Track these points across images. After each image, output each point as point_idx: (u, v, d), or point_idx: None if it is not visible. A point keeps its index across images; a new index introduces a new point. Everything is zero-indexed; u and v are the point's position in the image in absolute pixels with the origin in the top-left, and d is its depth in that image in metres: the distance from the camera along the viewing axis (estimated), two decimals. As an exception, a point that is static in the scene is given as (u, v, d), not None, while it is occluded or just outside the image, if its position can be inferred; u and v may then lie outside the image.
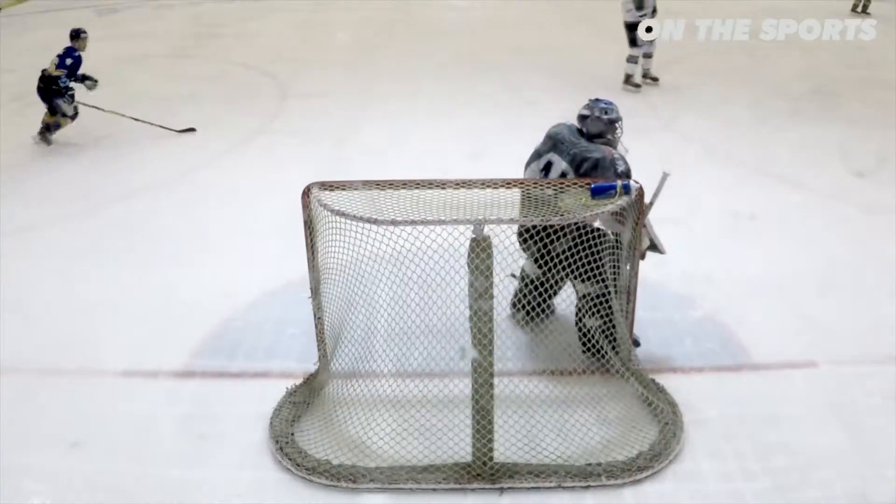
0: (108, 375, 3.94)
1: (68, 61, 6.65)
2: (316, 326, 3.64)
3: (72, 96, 6.75)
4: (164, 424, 3.60)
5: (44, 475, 3.34)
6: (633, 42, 7.85)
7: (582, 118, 3.83)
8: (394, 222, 3.09)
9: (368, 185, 3.35)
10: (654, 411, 3.53)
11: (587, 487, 3.20)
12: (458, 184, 3.30)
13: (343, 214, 3.20)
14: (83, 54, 6.75)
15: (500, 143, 6.62)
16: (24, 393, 3.82)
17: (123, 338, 4.22)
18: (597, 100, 3.85)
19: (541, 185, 3.43)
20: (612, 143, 3.79)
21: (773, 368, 3.92)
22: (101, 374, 3.94)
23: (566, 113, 6.46)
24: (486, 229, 3.06)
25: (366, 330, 3.68)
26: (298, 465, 3.31)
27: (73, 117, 6.83)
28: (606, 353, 3.64)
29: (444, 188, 3.30)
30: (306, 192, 3.35)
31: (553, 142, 3.80)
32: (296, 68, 9.10)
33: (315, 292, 3.56)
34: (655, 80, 8.11)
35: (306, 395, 3.67)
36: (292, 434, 3.47)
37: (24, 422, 3.63)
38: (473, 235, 3.04)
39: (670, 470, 3.28)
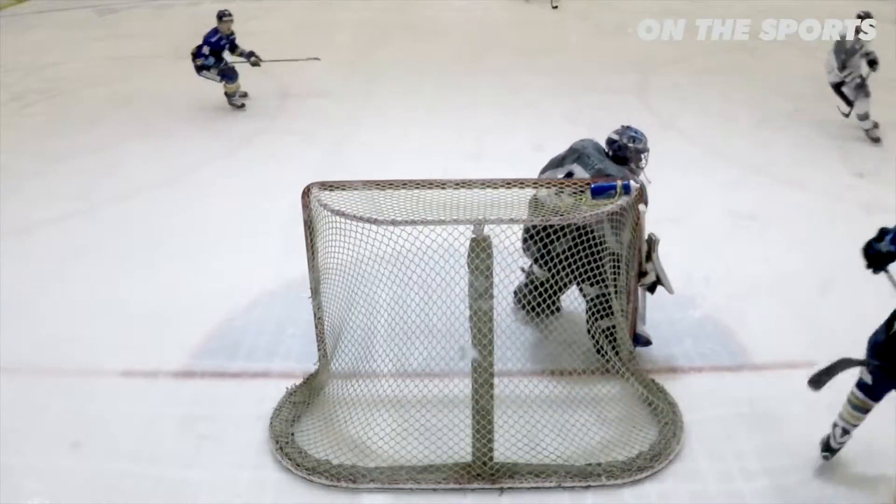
0: (108, 375, 3.94)
1: (205, 49, 7.38)
2: (316, 326, 3.64)
3: (228, 68, 7.55)
4: (164, 424, 3.60)
5: (44, 475, 3.34)
6: (847, 101, 7.08)
7: (610, 142, 3.89)
8: (394, 222, 3.09)
9: (368, 185, 3.35)
10: (654, 411, 3.53)
11: (587, 487, 3.20)
12: (458, 184, 3.31)
13: (343, 214, 3.21)
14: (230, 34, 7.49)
15: (500, 143, 6.64)
16: (24, 393, 3.82)
17: (123, 338, 4.22)
18: (627, 127, 3.92)
19: (540, 185, 3.44)
20: (634, 172, 3.85)
21: (773, 368, 3.92)
22: (101, 374, 3.95)
23: (566, 113, 6.46)
24: (486, 229, 3.06)
25: (366, 330, 3.68)
26: (298, 465, 3.31)
27: (226, 76, 7.54)
28: (618, 353, 3.67)
29: (444, 188, 3.30)
30: (306, 192, 3.35)
31: (578, 154, 3.84)
32: (296, 68, 9.09)
33: (315, 292, 3.56)
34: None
35: (306, 395, 3.67)
36: (292, 434, 3.47)
37: (24, 422, 3.63)
38: (473, 235, 3.04)
39: (670, 470, 3.28)
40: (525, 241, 3.74)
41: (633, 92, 8.00)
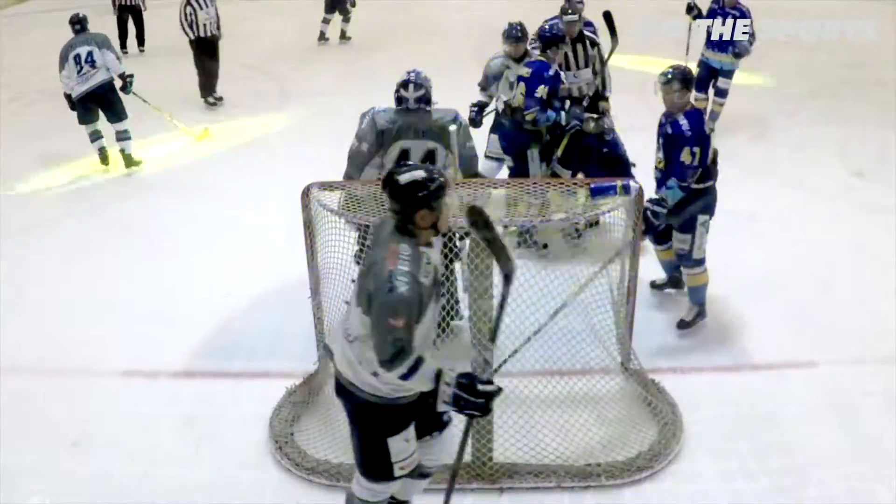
0: (108, 375, 3.94)
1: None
2: (316, 326, 3.64)
3: None
4: (164, 424, 3.60)
5: (44, 475, 3.34)
6: None
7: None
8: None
9: (368, 185, 3.35)
10: (654, 411, 3.53)
11: (587, 487, 3.20)
12: (458, 184, 3.31)
13: (343, 214, 3.21)
14: None
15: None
16: (24, 393, 3.82)
17: (123, 338, 4.22)
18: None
19: (540, 185, 3.44)
20: None
21: (773, 368, 3.92)
22: (101, 374, 3.95)
23: (566, 113, 6.38)
24: None
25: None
26: (298, 465, 3.31)
27: None
28: None
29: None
30: (306, 192, 3.35)
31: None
32: (296, 68, 9.10)
33: (315, 292, 3.56)
34: None
35: (306, 395, 3.67)
36: (292, 434, 3.47)
37: (24, 422, 3.63)
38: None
39: (670, 470, 3.28)
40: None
41: (633, 92, 7.98)
